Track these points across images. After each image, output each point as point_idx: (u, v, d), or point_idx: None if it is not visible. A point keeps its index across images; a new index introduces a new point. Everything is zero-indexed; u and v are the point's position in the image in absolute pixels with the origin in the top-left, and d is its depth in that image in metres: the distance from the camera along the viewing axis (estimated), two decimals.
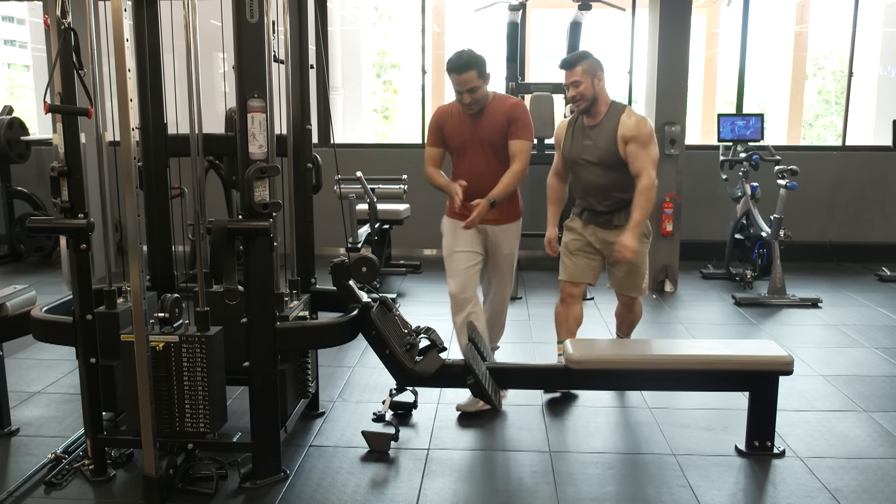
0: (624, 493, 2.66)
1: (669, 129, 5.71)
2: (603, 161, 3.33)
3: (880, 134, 7.84)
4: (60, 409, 3.39)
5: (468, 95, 3.23)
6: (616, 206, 3.38)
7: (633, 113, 3.31)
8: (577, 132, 3.44)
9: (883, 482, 2.74)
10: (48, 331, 2.73)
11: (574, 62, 3.32)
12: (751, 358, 2.91)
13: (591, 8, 6.11)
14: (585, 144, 3.38)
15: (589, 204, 3.45)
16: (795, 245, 5.79)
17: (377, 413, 3.19)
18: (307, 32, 3.09)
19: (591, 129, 3.37)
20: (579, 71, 3.29)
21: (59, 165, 2.49)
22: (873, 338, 4.53)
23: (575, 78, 3.30)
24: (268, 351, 2.60)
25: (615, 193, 3.37)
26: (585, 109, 3.35)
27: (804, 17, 10.23)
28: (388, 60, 11.55)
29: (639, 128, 3.26)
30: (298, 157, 3.10)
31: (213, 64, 6.91)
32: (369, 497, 2.62)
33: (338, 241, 5.52)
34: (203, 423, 2.56)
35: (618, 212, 3.38)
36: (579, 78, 3.29)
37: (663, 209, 5.75)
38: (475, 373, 2.82)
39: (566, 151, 3.48)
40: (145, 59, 2.85)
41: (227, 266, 2.53)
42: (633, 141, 3.25)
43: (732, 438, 3.05)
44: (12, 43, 13.11)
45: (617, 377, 2.93)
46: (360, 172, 5.45)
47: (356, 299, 2.87)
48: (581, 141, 3.40)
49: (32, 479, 2.71)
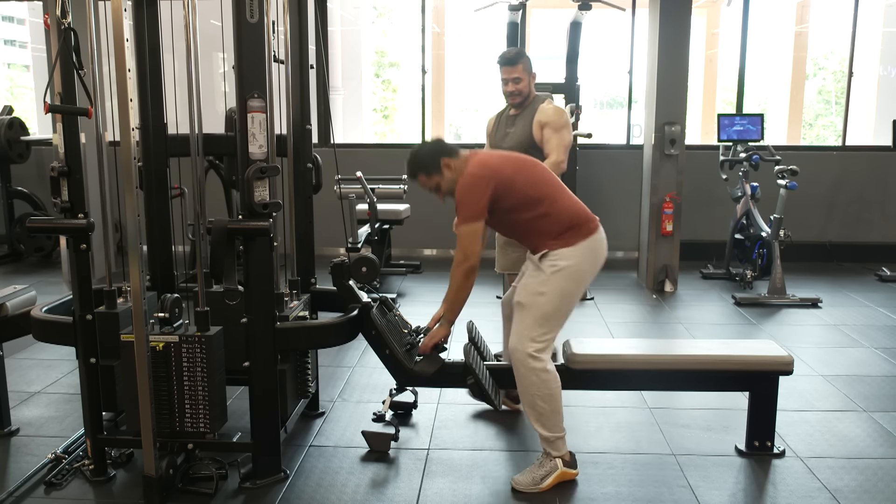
0: (624, 493, 2.66)
1: (669, 129, 5.71)
2: (520, 144, 3.41)
3: (880, 134, 7.84)
4: (60, 409, 3.39)
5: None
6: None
7: (552, 103, 3.51)
8: (502, 122, 3.61)
9: (883, 482, 2.74)
10: (48, 331, 2.73)
11: (516, 60, 3.46)
12: (751, 358, 2.91)
13: (591, 8, 6.10)
14: (507, 132, 3.54)
15: None
16: (795, 245, 5.79)
17: (377, 413, 3.19)
18: (307, 32, 3.09)
19: (515, 117, 3.53)
20: (521, 68, 3.45)
21: (59, 165, 2.49)
22: (873, 338, 4.53)
23: (516, 74, 3.45)
24: (268, 351, 2.60)
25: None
26: (520, 104, 3.50)
27: (804, 17, 10.22)
28: (387, 60, 11.55)
29: (556, 114, 3.42)
30: (298, 157, 3.10)
31: (213, 64, 6.91)
32: (369, 497, 2.62)
33: (338, 241, 5.52)
34: (203, 423, 2.55)
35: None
36: (520, 75, 3.46)
37: (663, 209, 5.75)
38: (475, 373, 2.82)
39: (491, 140, 3.63)
40: (145, 59, 2.85)
41: (227, 266, 2.53)
42: (548, 126, 3.39)
43: (732, 438, 3.05)
44: (12, 43, 13.10)
45: (617, 377, 2.93)
46: (360, 172, 5.45)
47: (356, 299, 2.87)
48: (504, 129, 3.56)
49: (32, 479, 2.71)
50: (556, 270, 2.65)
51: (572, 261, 2.67)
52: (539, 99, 3.53)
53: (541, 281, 2.67)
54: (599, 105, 11.12)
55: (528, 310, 2.67)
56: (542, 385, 2.64)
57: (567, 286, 2.67)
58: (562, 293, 2.67)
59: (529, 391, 2.66)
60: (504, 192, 2.67)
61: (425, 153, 2.80)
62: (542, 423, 2.68)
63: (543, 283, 2.66)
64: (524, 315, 2.68)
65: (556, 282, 2.65)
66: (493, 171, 2.67)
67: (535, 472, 2.70)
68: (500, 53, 3.55)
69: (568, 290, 2.68)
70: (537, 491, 2.66)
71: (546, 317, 2.65)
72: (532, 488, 2.67)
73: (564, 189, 2.81)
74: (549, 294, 2.65)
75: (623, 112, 7.27)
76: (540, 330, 2.65)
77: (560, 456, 2.70)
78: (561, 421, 2.70)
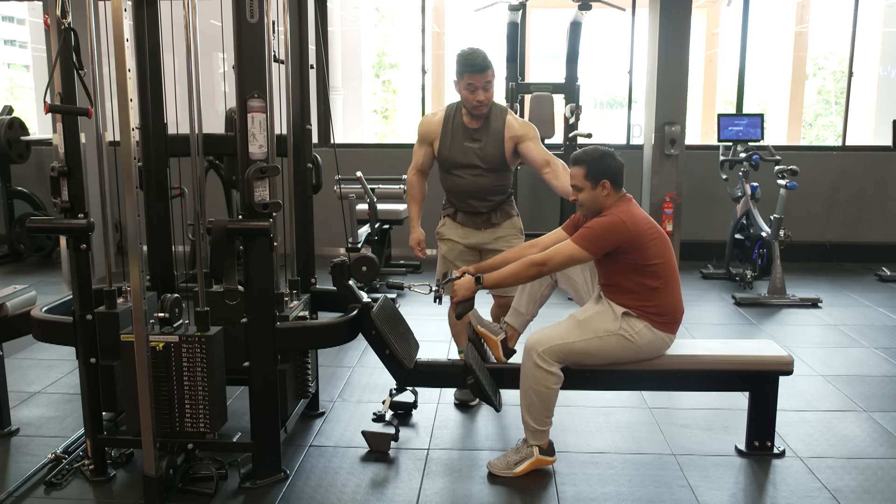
0: (624, 493, 2.66)
1: (669, 129, 5.71)
2: (491, 164, 3.21)
3: (880, 134, 7.84)
4: (60, 409, 3.39)
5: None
6: (494, 206, 3.31)
7: (515, 116, 3.26)
8: (455, 132, 3.26)
9: (883, 482, 2.74)
10: (48, 331, 2.73)
11: (488, 63, 3.12)
12: (751, 358, 2.91)
13: (591, 8, 6.10)
14: (468, 147, 3.23)
15: (467, 205, 3.33)
16: (795, 245, 5.79)
17: (377, 413, 3.19)
18: (307, 32, 3.09)
19: (476, 130, 3.22)
20: (491, 73, 3.14)
21: (59, 165, 2.49)
22: (873, 338, 4.53)
23: (489, 79, 3.13)
24: (268, 351, 2.60)
25: (494, 196, 3.30)
26: (483, 115, 3.20)
27: (804, 17, 10.22)
28: (387, 60, 11.55)
29: (527, 127, 3.23)
30: (298, 157, 3.10)
31: (213, 64, 6.91)
32: (369, 497, 2.62)
33: (338, 241, 5.52)
34: (203, 423, 2.56)
35: (495, 211, 3.32)
36: (491, 79, 3.15)
37: (663, 209, 5.75)
38: (475, 373, 2.82)
39: (444, 152, 3.28)
40: (145, 59, 2.85)
41: (227, 266, 2.53)
42: (526, 139, 3.20)
43: (732, 438, 3.05)
44: (12, 43, 13.10)
45: (617, 377, 2.93)
46: (360, 172, 5.45)
47: (356, 299, 2.87)
48: (462, 142, 3.24)
49: (32, 479, 2.71)
50: (624, 334, 2.74)
51: (642, 341, 2.76)
52: (499, 110, 3.23)
53: (607, 329, 2.74)
54: (599, 105, 11.12)
55: (574, 331, 2.76)
56: (543, 381, 2.72)
57: (616, 350, 2.77)
58: (606, 350, 2.76)
59: (528, 381, 2.75)
60: (632, 249, 2.72)
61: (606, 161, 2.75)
62: (529, 413, 2.77)
63: (606, 332, 2.74)
64: (567, 330, 2.76)
65: (614, 341, 2.75)
66: (635, 228, 2.71)
67: (511, 457, 2.79)
68: (464, 56, 3.12)
69: (612, 353, 2.77)
70: (511, 475, 2.75)
71: (578, 352, 2.75)
72: (506, 472, 2.76)
73: (678, 280, 2.87)
74: (600, 342, 2.74)
75: (623, 112, 7.27)
76: (562, 354, 2.73)
77: (538, 444, 2.78)
78: (548, 417, 2.77)
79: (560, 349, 2.72)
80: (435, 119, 3.32)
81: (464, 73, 3.11)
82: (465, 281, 2.82)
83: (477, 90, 3.12)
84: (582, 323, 2.77)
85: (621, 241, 2.71)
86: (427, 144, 3.34)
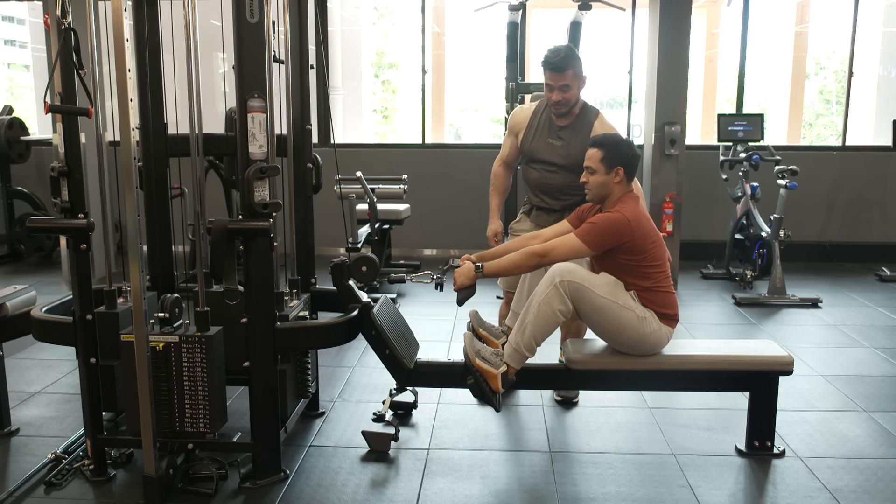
0: (624, 493, 2.66)
1: (669, 129, 5.71)
2: (572, 164, 3.17)
3: (880, 134, 7.84)
4: (60, 409, 3.39)
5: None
6: (568, 206, 3.29)
7: (604, 121, 3.24)
8: (541, 127, 3.27)
9: (883, 482, 2.74)
10: (48, 331, 2.73)
11: (565, 65, 3.07)
12: (751, 358, 2.91)
13: (591, 8, 6.10)
14: (552, 143, 3.23)
15: (541, 201, 3.34)
16: (795, 245, 5.79)
17: (377, 413, 3.19)
18: (307, 32, 3.09)
19: (562, 129, 3.23)
20: (570, 74, 3.08)
21: (59, 165, 2.49)
22: (873, 338, 4.53)
23: (565, 81, 3.08)
24: (268, 351, 2.60)
25: (568, 195, 3.29)
26: (565, 114, 3.20)
27: (804, 17, 10.22)
28: (387, 60, 11.55)
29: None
30: (298, 157, 3.10)
31: (213, 64, 6.91)
32: (369, 497, 2.62)
33: (338, 241, 5.52)
34: (203, 423, 2.56)
35: (568, 210, 3.29)
36: (569, 82, 3.10)
37: (663, 209, 5.75)
38: (475, 373, 2.81)
39: (525, 144, 3.31)
40: (145, 59, 2.85)
41: (227, 266, 2.53)
42: None
43: (732, 438, 3.05)
44: (12, 43, 13.10)
45: (617, 377, 2.93)
46: (360, 172, 5.45)
47: (356, 299, 2.87)
48: (545, 138, 3.25)
49: (32, 479, 2.71)
50: (639, 314, 2.77)
51: (649, 328, 2.78)
52: (589, 112, 3.21)
53: (627, 303, 2.76)
54: (599, 105, 11.08)
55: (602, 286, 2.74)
56: (551, 301, 2.71)
57: (625, 326, 2.77)
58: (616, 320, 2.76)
59: (538, 297, 2.74)
60: (631, 250, 2.75)
61: (624, 149, 2.82)
62: (521, 330, 2.75)
63: (626, 305, 2.76)
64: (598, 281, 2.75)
65: (629, 316, 2.76)
66: (639, 230, 2.75)
67: (484, 352, 2.80)
68: (547, 53, 3.06)
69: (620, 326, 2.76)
70: (471, 361, 2.76)
71: (594, 305, 2.73)
72: (470, 353, 2.77)
73: (671, 282, 2.90)
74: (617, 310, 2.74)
75: (623, 112, 7.27)
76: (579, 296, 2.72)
77: (509, 365, 2.78)
78: (535, 343, 2.76)
79: (581, 292, 2.72)
80: (525, 111, 3.36)
81: (544, 70, 3.13)
82: (465, 268, 2.83)
83: (553, 90, 3.10)
84: (612, 284, 2.77)
85: (623, 241, 2.73)
86: (514, 136, 3.37)
